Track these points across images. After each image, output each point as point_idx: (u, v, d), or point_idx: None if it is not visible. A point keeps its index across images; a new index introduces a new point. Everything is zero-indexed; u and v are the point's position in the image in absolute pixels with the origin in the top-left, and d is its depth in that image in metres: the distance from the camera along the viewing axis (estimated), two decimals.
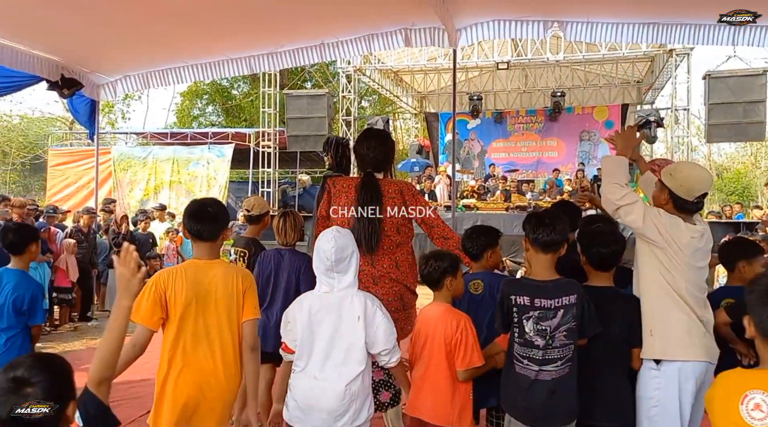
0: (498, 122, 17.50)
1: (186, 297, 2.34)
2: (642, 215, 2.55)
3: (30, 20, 5.94)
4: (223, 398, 2.36)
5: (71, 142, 17.09)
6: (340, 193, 3.42)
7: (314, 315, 2.36)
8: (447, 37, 6.20)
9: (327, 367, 2.31)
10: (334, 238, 2.38)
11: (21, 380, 1.28)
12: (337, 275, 2.37)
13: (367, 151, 3.44)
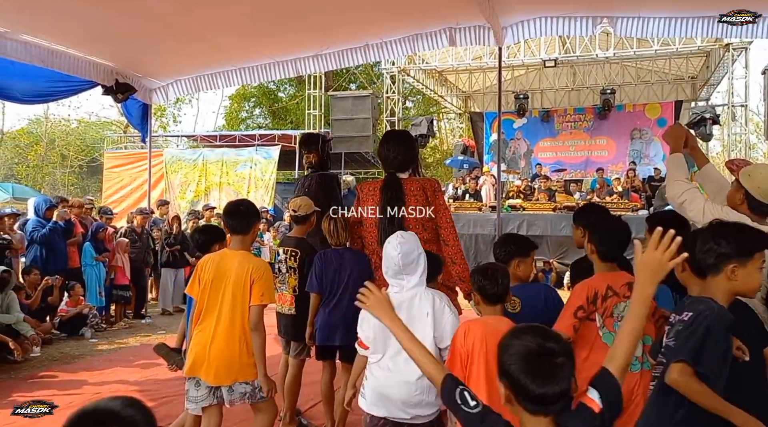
0: (545, 121, 17.21)
1: (207, 277, 2.88)
2: (702, 210, 2.56)
3: (86, 27, 6.17)
4: (219, 359, 2.83)
5: (126, 145, 17.68)
6: (368, 196, 3.57)
7: None
8: (492, 35, 6.13)
9: (399, 360, 2.44)
10: (399, 244, 2.52)
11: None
12: (405, 277, 2.53)
13: (388, 152, 3.55)
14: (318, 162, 5.93)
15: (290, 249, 3.91)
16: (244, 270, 2.83)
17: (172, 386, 4.92)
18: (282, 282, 3.85)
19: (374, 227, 3.48)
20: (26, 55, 6.26)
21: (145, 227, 8.50)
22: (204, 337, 2.86)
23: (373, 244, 3.52)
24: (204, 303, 2.89)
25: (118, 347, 6.49)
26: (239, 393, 2.89)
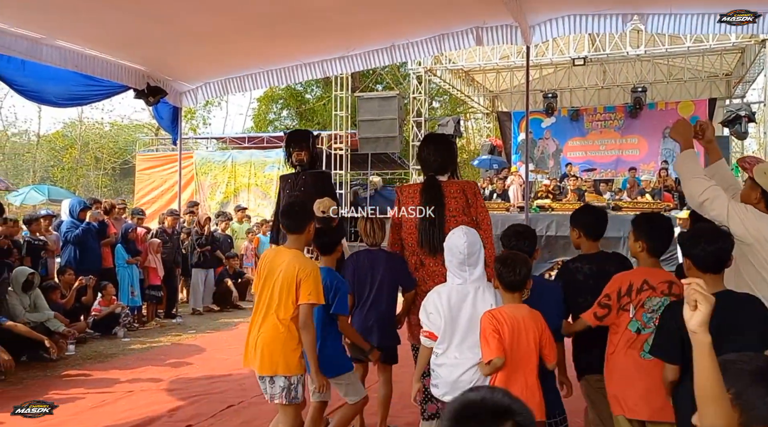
0: (574, 120, 16.98)
1: (263, 272, 3.04)
2: (726, 208, 2.46)
3: (118, 32, 6.30)
4: (263, 350, 2.93)
5: (157, 147, 17.99)
6: (408, 198, 3.61)
7: (454, 305, 2.66)
8: (520, 34, 6.08)
9: (464, 349, 2.62)
10: (465, 234, 2.68)
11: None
12: (468, 269, 2.66)
13: (428, 155, 3.61)
14: (309, 160, 5.94)
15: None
16: (292, 269, 2.92)
17: (202, 384, 4.98)
18: None
19: (415, 229, 3.52)
20: (61, 60, 6.42)
21: (175, 228, 8.64)
22: (254, 328, 3.02)
23: (414, 245, 3.55)
24: (258, 297, 3.05)
25: (150, 347, 6.60)
26: (279, 387, 2.94)
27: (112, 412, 4.24)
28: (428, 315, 2.73)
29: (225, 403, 4.40)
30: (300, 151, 5.73)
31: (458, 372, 2.63)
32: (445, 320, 2.66)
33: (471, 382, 2.60)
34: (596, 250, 3.12)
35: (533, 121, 16.55)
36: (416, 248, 3.53)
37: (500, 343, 2.44)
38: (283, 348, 2.92)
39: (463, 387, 2.54)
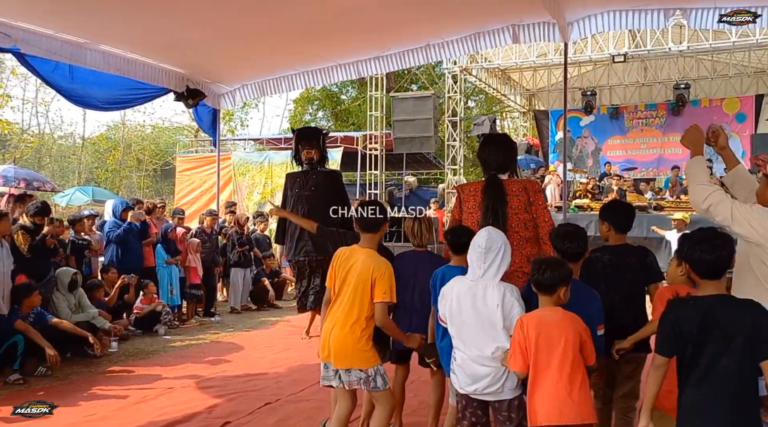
0: (614, 118, 16.65)
1: (338, 270, 3.18)
2: (730, 211, 2.44)
3: (158, 36, 6.44)
4: (337, 346, 3.09)
5: (196, 149, 18.32)
6: (469, 197, 3.72)
7: (462, 298, 2.77)
8: (558, 31, 5.98)
9: (473, 342, 2.73)
10: (488, 231, 2.81)
11: None
12: (484, 265, 2.74)
13: (488, 155, 3.70)
14: (319, 158, 5.85)
15: None
16: (367, 268, 3.04)
17: (240, 382, 5.05)
18: None
19: (476, 227, 3.50)
20: (105, 64, 6.60)
21: (214, 228, 8.78)
22: (329, 324, 3.18)
23: None
24: (333, 293, 3.21)
25: (189, 344, 6.72)
26: (356, 377, 3.10)
27: (153, 408, 4.34)
28: (442, 299, 2.90)
29: (262, 401, 4.45)
30: (310, 149, 5.67)
31: (467, 365, 2.76)
32: (451, 310, 2.81)
33: (482, 376, 2.71)
34: (622, 242, 3.29)
35: (571, 119, 16.30)
36: None
37: (523, 356, 2.55)
38: (355, 345, 3.05)
39: (471, 379, 2.73)
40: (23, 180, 11.84)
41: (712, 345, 2.14)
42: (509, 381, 2.70)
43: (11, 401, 4.46)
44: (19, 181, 11.55)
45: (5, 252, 5.23)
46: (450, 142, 14.19)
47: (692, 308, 2.22)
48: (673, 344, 2.24)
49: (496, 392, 2.71)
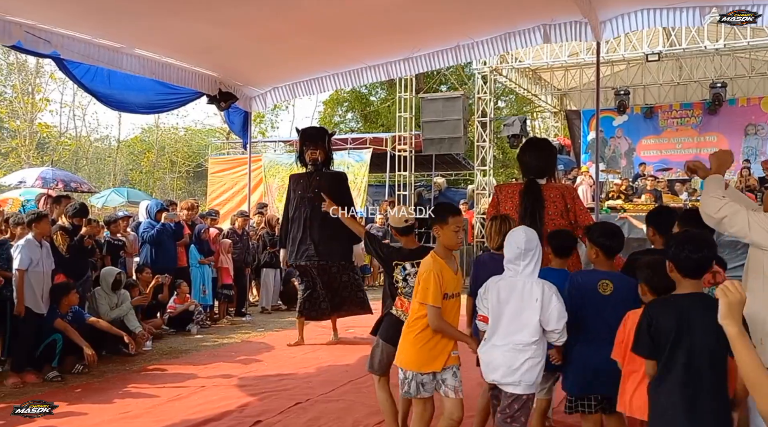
0: (648, 118, 16.33)
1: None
2: (747, 221, 2.48)
3: (191, 40, 6.56)
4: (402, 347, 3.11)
5: (228, 151, 18.57)
6: (507, 198, 3.82)
7: (501, 295, 2.86)
8: (590, 30, 5.91)
9: (507, 336, 2.81)
10: (524, 231, 2.88)
11: None
12: (522, 263, 2.82)
13: (529, 159, 3.82)
14: (324, 160, 5.69)
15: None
16: (419, 269, 3.09)
17: (270, 381, 5.11)
18: (408, 295, 3.40)
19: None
20: (140, 68, 6.75)
21: (245, 228, 8.89)
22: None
23: None
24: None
25: (221, 343, 6.81)
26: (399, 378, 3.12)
27: (186, 406, 4.41)
28: (483, 301, 2.96)
29: (292, 400, 4.49)
30: (315, 149, 5.58)
31: (495, 357, 2.83)
32: (492, 307, 2.87)
33: (510, 366, 2.77)
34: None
35: (604, 119, 16.05)
36: None
37: (621, 347, 2.69)
38: (404, 341, 3.11)
39: (500, 369, 2.80)
40: (61, 181, 12.17)
41: (683, 340, 2.21)
42: (534, 370, 2.77)
43: (50, 397, 4.59)
44: (57, 182, 11.88)
45: (46, 252, 5.34)
46: (480, 142, 14.10)
47: (671, 307, 2.30)
48: (650, 343, 2.31)
49: (512, 384, 2.78)
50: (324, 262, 6.06)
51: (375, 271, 12.62)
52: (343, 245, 6.06)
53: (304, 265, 6.15)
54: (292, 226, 6.17)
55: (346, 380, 5.11)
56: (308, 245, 5.98)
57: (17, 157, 22.04)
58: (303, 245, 6.04)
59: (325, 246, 6.02)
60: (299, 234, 6.06)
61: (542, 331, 2.80)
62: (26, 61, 22.61)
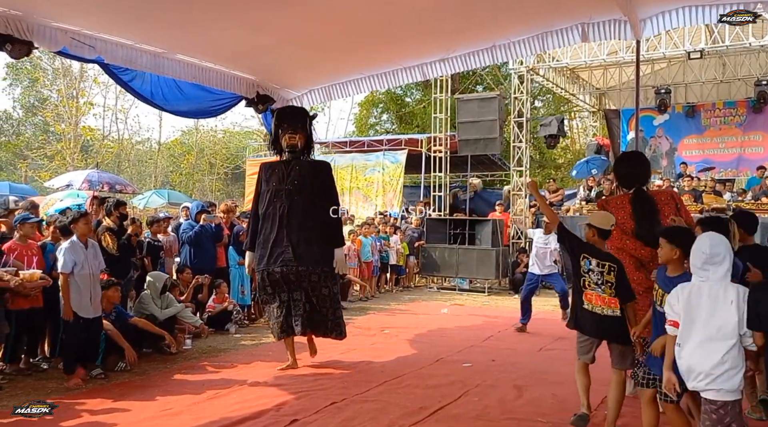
0: (690, 117, 15.92)
1: None
2: None
3: (230, 44, 6.67)
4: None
5: (265, 153, 18.83)
6: (617, 209, 4.06)
7: (693, 299, 2.92)
8: (629, 28, 5.80)
9: (704, 340, 2.86)
10: (708, 237, 2.96)
11: None
12: (711, 267, 2.88)
13: (634, 169, 4.17)
14: (304, 146, 4.95)
15: (608, 264, 3.78)
16: None
17: (306, 380, 5.16)
18: (594, 288, 3.79)
19: (631, 236, 4.04)
20: (181, 72, 6.90)
21: None
22: None
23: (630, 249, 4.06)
24: None
25: (259, 343, 6.91)
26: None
27: (225, 404, 4.49)
28: (672, 306, 3.02)
29: (328, 400, 4.53)
30: (293, 133, 4.81)
31: (695, 362, 2.87)
32: (684, 312, 2.93)
33: (711, 373, 2.82)
34: (751, 243, 3.90)
35: (644, 118, 15.72)
36: (632, 251, 4.06)
37: None
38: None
39: (700, 376, 2.84)
40: (106, 183, 12.55)
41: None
42: (735, 377, 2.81)
43: (94, 395, 4.75)
44: (102, 184, 12.25)
45: (93, 253, 5.30)
46: (516, 143, 13.96)
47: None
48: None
49: (714, 390, 2.83)
50: (304, 268, 5.05)
51: (410, 272, 12.61)
52: (326, 248, 5.15)
53: (279, 271, 5.06)
54: (264, 225, 5.13)
55: (382, 380, 5.13)
56: (284, 248, 4.99)
57: (62, 159, 22.76)
58: (278, 247, 5.02)
59: (306, 249, 5.07)
60: (273, 234, 5.04)
61: (738, 333, 2.83)
62: (71, 67, 23.38)
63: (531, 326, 7.66)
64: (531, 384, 5.00)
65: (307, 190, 4.83)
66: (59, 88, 24.32)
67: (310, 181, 4.87)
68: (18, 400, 4.51)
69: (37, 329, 5.64)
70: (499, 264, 11.38)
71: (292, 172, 4.84)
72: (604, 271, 3.77)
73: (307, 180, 4.85)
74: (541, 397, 4.65)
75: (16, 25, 5.34)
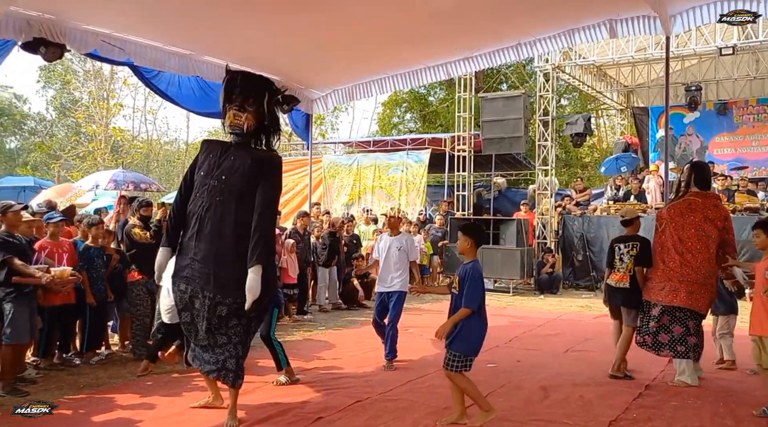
0: (721, 114, 15.59)
1: None
2: None
3: (256, 46, 6.74)
4: None
5: (290, 152, 18.97)
6: (676, 216, 5.08)
7: None
8: (659, 24, 5.70)
9: None
10: None
11: None
12: None
13: (707, 175, 5.23)
14: (254, 129, 3.61)
15: (630, 243, 5.29)
16: None
17: (331, 378, 5.19)
18: (622, 268, 5.27)
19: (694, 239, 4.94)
20: (208, 73, 7.00)
21: (307, 228, 9.05)
22: None
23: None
24: None
25: (284, 341, 6.88)
26: None
27: (251, 401, 4.53)
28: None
29: (353, 398, 4.54)
30: (240, 111, 3.53)
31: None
32: None
33: None
34: None
35: (674, 116, 15.43)
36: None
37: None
38: None
39: None
40: (131, 183, 12.73)
41: None
42: None
43: (124, 390, 4.83)
44: (127, 184, 12.44)
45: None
46: (541, 142, 13.83)
47: None
48: None
49: None
50: (213, 295, 3.70)
51: (434, 272, 12.58)
52: (243, 271, 3.66)
53: (182, 290, 3.79)
54: (188, 220, 3.82)
55: (406, 379, 5.13)
56: (191, 260, 3.73)
57: (93, 160, 23.21)
58: (184, 257, 3.78)
59: (217, 269, 3.72)
60: (185, 239, 3.81)
61: None
62: (101, 69, 23.80)
63: (557, 327, 7.58)
64: (557, 385, 4.95)
65: (237, 191, 3.61)
66: (90, 90, 24.80)
67: (243, 179, 3.59)
68: (51, 395, 4.63)
69: (69, 324, 5.78)
70: (523, 264, 11.27)
71: (224, 162, 3.62)
72: (629, 249, 5.24)
73: (238, 177, 3.59)
74: (567, 398, 4.60)
75: (50, 29, 5.48)
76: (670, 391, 4.80)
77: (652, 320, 5.00)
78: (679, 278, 4.91)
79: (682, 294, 4.88)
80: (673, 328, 4.92)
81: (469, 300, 3.81)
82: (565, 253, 12.45)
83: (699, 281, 4.88)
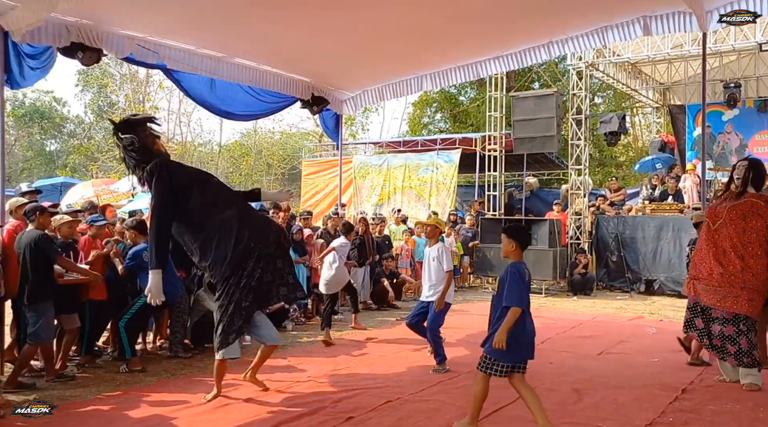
0: (762, 111, 15.12)
1: None
2: None
3: (286, 48, 6.80)
4: None
5: (320, 153, 19.09)
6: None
7: None
8: (695, 20, 5.57)
9: None
10: None
11: None
12: None
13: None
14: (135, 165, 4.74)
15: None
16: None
17: (362, 378, 5.20)
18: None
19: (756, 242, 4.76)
20: (239, 76, 7.09)
21: (337, 228, 9.08)
22: None
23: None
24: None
25: (315, 340, 7.00)
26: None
27: (282, 399, 4.58)
28: None
29: (383, 398, 4.55)
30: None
31: None
32: None
33: None
34: None
35: (711, 114, 15.04)
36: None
37: None
38: None
39: None
40: None
41: None
42: None
43: (155, 388, 4.92)
44: None
45: None
46: (574, 141, 13.62)
47: None
48: None
49: None
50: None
51: (464, 272, 12.52)
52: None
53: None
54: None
55: (436, 380, 5.11)
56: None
57: None
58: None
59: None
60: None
61: None
62: (137, 72, 24.35)
63: (591, 329, 7.45)
64: (591, 388, 4.87)
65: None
66: (126, 94, 25.40)
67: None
68: (89, 391, 4.76)
69: (102, 320, 5.91)
70: (556, 265, 11.13)
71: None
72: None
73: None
74: (601, 401, 4.52)
75: (87, 34, 5.62)
76: (708, 395, 4.68)
77: (714, 323, 4.92)
78: (741, 284, 4.73)
79: (743, 301, 4.73)
80: (740, 340, 4.79)
81: (507, 298, 3.70)
82: (599, 254, 12.24)
83: (758, 288, 4.73)
